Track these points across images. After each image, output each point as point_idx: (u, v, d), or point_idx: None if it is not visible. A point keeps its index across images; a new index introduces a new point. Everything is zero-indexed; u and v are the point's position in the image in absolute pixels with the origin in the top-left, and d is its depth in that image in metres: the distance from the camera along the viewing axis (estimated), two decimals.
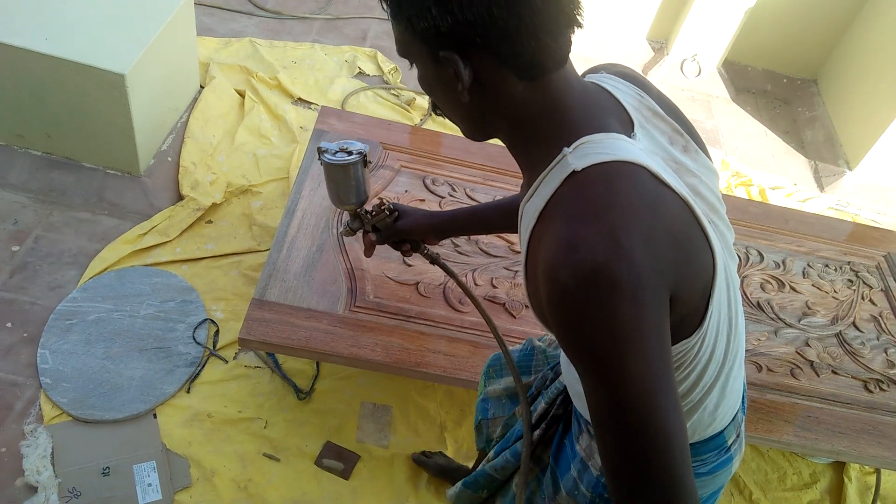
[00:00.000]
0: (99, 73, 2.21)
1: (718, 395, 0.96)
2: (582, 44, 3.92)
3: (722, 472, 1.11)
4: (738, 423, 1.10)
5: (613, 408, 0.77)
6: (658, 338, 0.76)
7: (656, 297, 0.76)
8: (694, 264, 0.81)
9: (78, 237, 2.27)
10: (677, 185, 0.82)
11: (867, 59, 3.58)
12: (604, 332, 0.75)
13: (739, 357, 0.98)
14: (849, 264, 2.36)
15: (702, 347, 0.87)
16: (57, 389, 1.89)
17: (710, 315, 0.84)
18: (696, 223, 0.82)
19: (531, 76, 0.82)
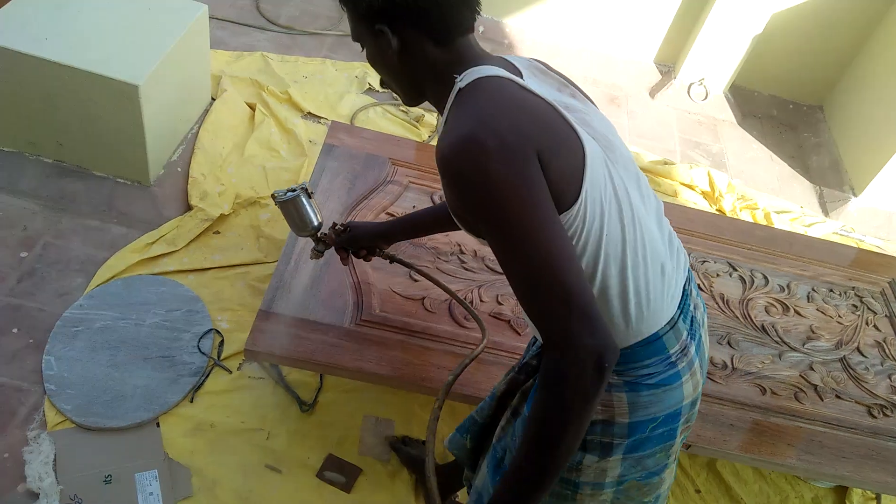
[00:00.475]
0: (113, 83, 2.24)
1: (633, 284, 1.07)
2: (591, 66, 3.95)
3: (671, 391, 1.15)
4: (681, 338, 1.16)
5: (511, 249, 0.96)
6: (531, 187, 0.94)
7: (521, 153, 0.94)
8: (558, 140, 0.99)
9: (86, 245, 2.29)
10: (545, 94, 1.03)
11: (873, 86, 3.60)
12: (485, 187, 0.94)
13: (654, 258, 1.10)
14: (853, 289, 2.36)
15: (585, 219, 1.01)
16: (61, 396, 1.90)
17: (584, 190, 1.00)
18: (564, 120, 1.02)
19: (443, 41, 1.06)
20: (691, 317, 1.21)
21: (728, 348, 2.05)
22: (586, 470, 1.19)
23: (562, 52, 3.98)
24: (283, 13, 3.62)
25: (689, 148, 3.63)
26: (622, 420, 1.15)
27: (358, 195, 2.17)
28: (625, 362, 1.13)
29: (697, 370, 1.20)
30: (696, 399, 1.23)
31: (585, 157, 1.01)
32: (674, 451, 1.26)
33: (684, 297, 1.19)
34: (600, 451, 1.17)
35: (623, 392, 1.14)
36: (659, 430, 1.18)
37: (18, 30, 2.27)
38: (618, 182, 1.07)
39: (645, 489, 1.27)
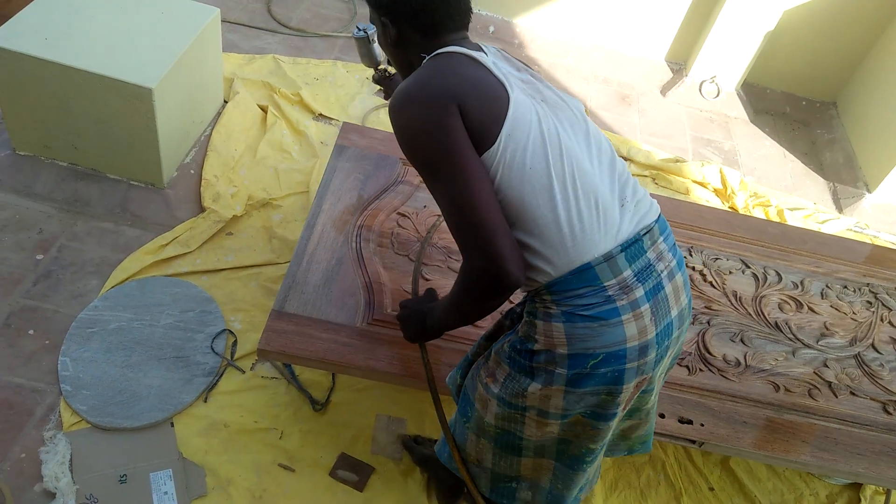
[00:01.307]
0: (127, 86, 2.26)
1: (564, 213, 1.22)
2: (602, 64, 3.95)
3: (608, 326, 1.24)
4: (619, 275, 1.25)
5: (435, 186, 1.23)
6: (449, 132, 1.17)
7: (441, 103, 1.18)
8: (482, 92, 1.20)
9: (101, 247, 2.31)
10: (488, 63, 1.25)
11: (887, 82, 3.57)
12: (410, 131, 1.21)
13: (587, 192, 1.24)
14: (868, 286, 2.34)
15: (506, 154, 1.20)
16: (77, 396, 1.92)
17: (503, 131, 1.20)
18: (497, 80, 1.23)
19: (429, 37, 1.34)
20: (646, 263, 1.29)
21: (741, 345, 2.04)
22: (531, 396, 1.32)
23: (572, 51, 3.97)
24: (294, 16, 3.64)
25: (700, 146, 3.62)
26: (562, 350, 1.26)
27: (369, 195, 2.18)
28: (559, 290, 1.25)
29: (645, 315, 1.26)
30: (647, 347, 1.27)
31: (509, 105, 1.21)
32: (621, 400, 1.31)
33: (635, 241, 1.28)
34: (544, 378, 1.29)
35: (560, 322, 1.25)
36: (601, 369, 1.25)
37: (33, 34, 2.29)
38: (547, 127, 1.24)
39: (591, 433, 1.36)
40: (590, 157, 1.29)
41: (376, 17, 1.37)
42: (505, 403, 1.36)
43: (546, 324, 1.27)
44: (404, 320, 1.62)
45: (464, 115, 1.18)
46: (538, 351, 1.29)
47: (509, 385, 1.35)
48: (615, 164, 1.35)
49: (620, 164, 1.36)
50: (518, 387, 1.33)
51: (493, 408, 1.39)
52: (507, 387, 1.35)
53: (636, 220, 1.30)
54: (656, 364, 1.32)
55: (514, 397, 1.34)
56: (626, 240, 1.27)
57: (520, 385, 1.32)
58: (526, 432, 1.39)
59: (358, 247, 2.02)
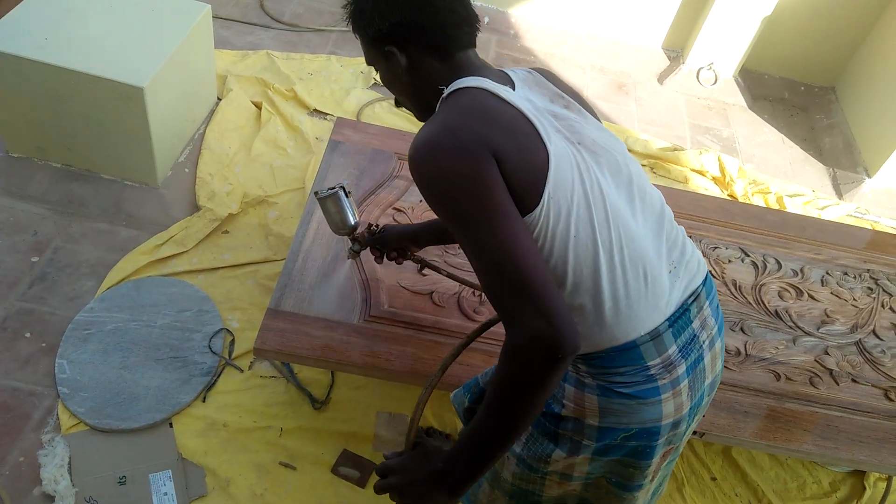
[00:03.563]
0: (118, 86, 2.25)
1: (608, 287, 1.09)
2: (598, 53, 3.92)
3: (647, 405, 1.14)
4: (664, 353, 1.14)
5: (472, 242, 1.02)
6: (485, 181, 1.00)
7: (475, 151, 1.01)
8: (518, 142, 1.05)
9: (96, 248, 2.30)
10: (515, 101, 1.10)
11: (886, 65, 3.54)
12: (441, 183, 1.03)
13: (635, 263, 1.11)
14: (868, 272, 2.33)
15: (549, 220, 1.05)
16: (74, 399, 1.91)
17: (547, 191, 1.05)
18: (531, 126, 1.08)
19: (443, 57, 1.18)
20: (691, 336, 1.18)
21: (741, 335, 2.03)
22: (554, 463, 1.22)
23: (568, 41, 3.95)
24: (287, 10, 3.61)
25: (699, 133, 3.59)
26: (592, 422, 1.16)
27: (364, 190, 2.16)
28: (598, 366, 1.14)
29: (683, 391, 1.17)
30: (681, 421, 1.20)
31: (549, 160, 1.06)
32: (651, 472, 1.24)
33: (682, 311, 1.17)
34: (570, 447, 1.20)
35: (595, 395, 1.15)
36: (632, 442, 1.18)
37: (23, 35, 2.28)
38: (591, 184, 1.10)
39: (615, 500, 1.28)
40: (634, 215, 1.15)
41: (377, 52, 1.20)
42: (525, 465, 1.26)
43: (578, 392, 1.16)
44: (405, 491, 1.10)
45: (501, 169, 1.02)
46: (566, 417, 1.18)
47: (531, 447, 1.24)
48: (663, 217, 1.21)
49: (669, 216, 1.23)
50: (541, 451, 1.23)
51: (511, 466, 1.29)
52: (528, 448, 1.24)
53: (684, 284, 1.19)
54: (685, 434, 1.25)
55: (536, 461, 1.24)
56: (673, 312, 1.16)
57: (543, 450, 1.22)
58: (546, 492, 1.30)
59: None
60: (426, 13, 1.15)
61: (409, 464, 1.12)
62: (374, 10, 1.16)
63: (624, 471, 1.23)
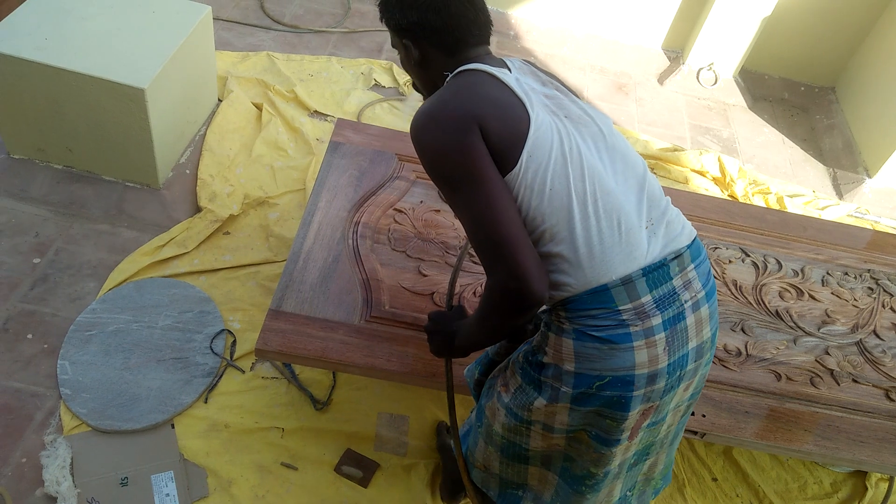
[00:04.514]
0: (119, 87, 2.25)
1: (583, 233, 1.20)
2: (598, 54, 3.92)
3: (618, 350, 1.21)
4: (637, 300, 1.21)
5: (458, 204, 1.21)
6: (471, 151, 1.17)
7: (462, 122, 1.18)
8: (503, 112, 1.20)
9: (97, 249, 2.31)
10: (508, 80, 1.24)
11: (886, 65, 3.55)
12: (432, 150, 1.21)
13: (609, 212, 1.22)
14: (868, 272, 2.33)
15: (528, 175, 1.19)
16: (76, 400, 1.92)
17: (525, 151, 1.19)
18: (518, 99, 1.22)
19: (450, 53, 1.33)
20: (669, 291, 1.24)
21: (742, 335, 2.03)
22: (536, 411, 1.31)
23: (568, 41, 3.95)
24: (287, 12, 3.62)
25: (699, 134, 3.60)
26: (569, 367, 1.24)
27: (365, 191, 2.16)
28: (573, 309, 1.23)
29: (659, 344, 1.22)
30: (656, 375, 1.23)
31: (530, 126, 1.20)
32: (626, 426, 1.28)
33: (660, 266, 1.24)
34: (550, 394, 1.28)
35: (570, 339, 1.23)
36: (607, 391, 1.23)
37: (23, 37, 2.28)
38: (569, 146, 1.23)
39: (594, 455, 1.33)
40: (615, 176, 1.26)
41: (397, 39, 1.37)
42: (512, 414, 1.36)
43: (557, 338, 1.26)
44: (432, 333, 1.53)
45: (485, 136, 1.18)
46: (547, 364, 1.28)
47: (518, 396, 1.34)
48: (645, 182, 1.30)
49: (652, 182, 1.31)
50: (525, 399, 1.32)
51: (500, 417, 1.38)
52: (516, 398, 1.34)
53: (663, 242, 1.26)
54: (665, 393, 1.28)
55: (521, 409, 1.33)
56: (649, 264, 1.23)
57: (527, 398, 1.32)
58: (532, 444, 1.38)
59: (355, 244, 2.01)
60: (441, 16, 1.30)
61: (441, 318, 1.54)
62: (396, 5, 1.33)
63: (602, 422, 1.28)
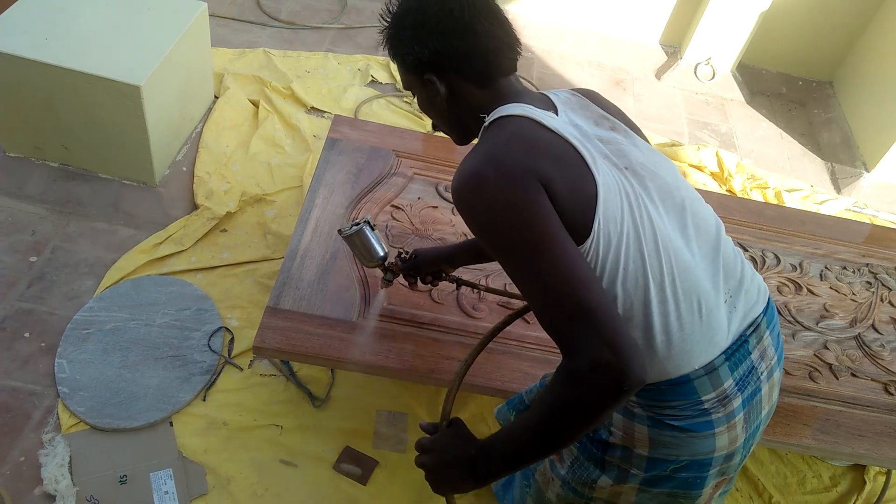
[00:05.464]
0: (115, 85, 2.24)
1: (660, 320, 1.04)
2: (596, 49, 3.92)
3: (699, 438, 1.10)
4: (720, 387, 1.09)
5: (528, 273, 0.98)
6: (536, 209, 0.98)
7: (521, 179, 0.99)
8: (566, 173, 1.02)
9: (94, 247, 2.30)
10: (560, 129, 1.06)
11: (883, 60, 3.54)
12: (487, 213, 1.00)
13: (688, 295, 1.06)
14: (867, 266, 2.33)
15: (599, 252, 1.03)
16: (74, 398, 1.91)
17: (597, 222, 1.02)
18: (578, 155, 1.05)
19: (482, 84, 1.15)
20: (748, 368, 1.14)
21: None
22: (600, 490, 1.20)
23: (565, 37, 3.94)
24: (283, 8, 3.61)
25: (696, 129, 3.59)
26: (641, 452, 1.14)
27: (362, 188, 2.16)
28: (649, 398, 1.11)
29: (738, 424, 1.13)
30: (734, 453, 1.16)
31: (598, 190, 1.03)
32: (700, 502, 1.21)
33: (740, 343, 1.12)
34: (616, 474, 1.18)
35: (645, 425, 1.13)
36: (682, 473, 1.15)
37: (19, 35, 2.27)
38: (639, 214, 1.06)
39: None
40: (688, 244, 1.10)
41: (416, 77, 1.17)
42: (570, 488, 1.25)
43: (627, 421, 1.14)
44: (438, 467, 1.13)
45: (551, 199, 1.00)
46: (613, 444, 1.17)
47: (577, 471, 1.23)
48: (719, 243, 1.15)
49: (727, 245, 1.17)
50: (586, 476, 1.21)
51: (556, 488, 1.28)
52: (574, 472, 1.23)
53: (742, 314, 1.13)
54: (739, 464, 1.22)
55: (581, 486, 1.23)
56: (730, 345, 1.11)
57: (588, 475, 1.21)
58: None
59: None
60: (467, 41, 1.11)
61: (443, 445, 1.14)
62: (412, 37, 1.13)
63: (673, 501, 1.20)
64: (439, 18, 1.11)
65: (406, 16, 1.14)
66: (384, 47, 1.20)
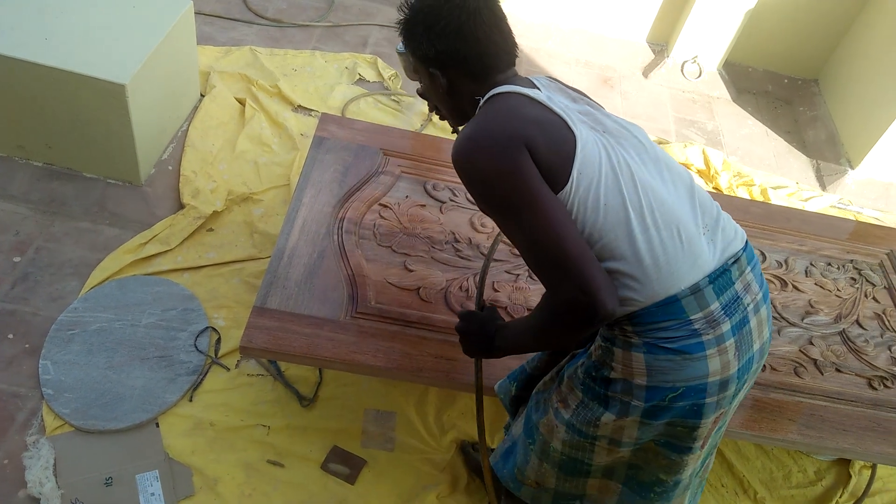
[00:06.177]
0: (99, 83, 2.22)
1: (645, 245, 1.17)
2: (583, 47, 3.92)
3: (692, 360, 1.19)
4: (706, 308, 1.20)
5: (515, 228, 1.19)
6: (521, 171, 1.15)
7: (509, 146, 1.16)
8: (547, 132, 1.19)
9: (79, 247, 2.28)
10: (545, 100, 1.23)
11: (868, 58, 3.57)
12: (481, 176, 1.19)
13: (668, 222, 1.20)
14: (851, 262, 2.35)
15: (579, 192, 1.17)
16: (59, 400, 1.90)
17: (575, 169, 1.17)
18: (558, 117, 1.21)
19: (481, 79, 1.32)
20: (734, 296, 1.23)
21: None
22: (603, 426, 1.29)
23: (553, 35, 3.94)
24: (270, 6, 3.59)
25: (683, 126, 3.61)
26: (640, 381, 1.22)
27: (350, 186, 2.15)
28: (642, 323, 1.20)
29: (730, 350, 1.21)
30: (728, 381, 1.23)
31: (576, 143, 1.19)
32: (699, 434, 1.27)
33: (722, 271, 1.23)
34: (619, 409, 1.26)
35: (641, 353, 1.21)
36: (680, 402, 1.22)
37: (1, 33, 2.24)
38: (616, 159, 1.21)
39: (664, 462, 1.32)
40: (664, 185, 1.25)
41: (422, 68, 1.35)
42: (575, 431, 1.33)
43: (625, 353, 1.23)
44: (467, 334, 1.48)
45: (533, 156, 1.17)
46: (615, 379, 1.25)
47: (582, 412, 1.31)
48: (694, 189, 1.29)
49: (700, 189, 1.31)
50: (591, 415, 1.30)
51: (561, 434, 1.36)
52: (579, 414, 1.32)
53: (721, 247, 1.25)
54: (734, 397, 1.29)
55: (586, 426, 1.31)
56: (713, 270, 1.22)
57: (593, 413, 1.29)
58: (595, 459, 1.36)
59: (340, 239, 2.00)
60: (469, 45, 1.28)
61: (476, 318, 1.49)
62: (423, 34, 1.30)
63: (674, 431, 1.27)
64: (447, 23, 1.26)
65: (418, 15, 1.31)
66: (399, 34, 1.37)
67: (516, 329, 1.37)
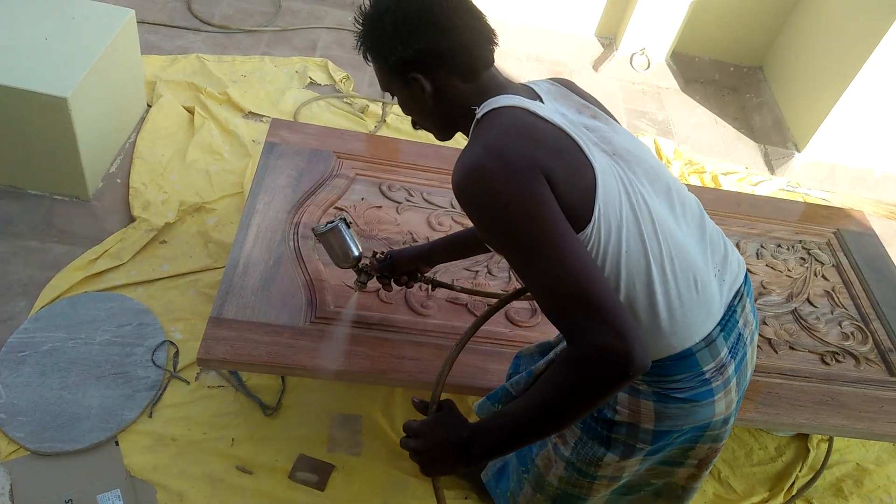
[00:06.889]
0: (40, 97, 2.17)
1: (662, 298, 1.08)
2: (533, 42, 3.95)
3: (701, 407, 1.16)
4: (718, 356, 1.15)
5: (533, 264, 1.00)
6: (539, 201, 0.99)
7: (524, 171, 1.00)
8: (564, 161, 1.04)
9: (27, 266, 2.22)
10: (553, 118, 1.09)
11: (810, 43, 3.67)
12: (491, 206, 1.01)
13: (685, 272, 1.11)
14: (800, 242, 2.41)
15: (601, 238, 1.05)
16: (12, 424, 1.84)
17: (597, 209, 1.04)
18: (573, 142, 1.07)
19: (469, 78, 1.16)
20: (737, 336, 1.20)
21: None
22: (605, 467, 1.24)
23: (502, 32, 3.94)
24: (216, 12, 3.54)
25: (635, 118, 3.66)
26: (647, 426, 1.18)
27: (304, 191, 2.13)
28: (655, 374, 1.14)
29: (733, 388, 1.19)
30: (730, 417, 1.23)
31: (596, 177, 1.05)
32: (693, 454, 1.28)
33: (730, 314, 1.18)
34: (622, 450, 1.22)
35: (651, 401, 1.16)
36: (682, 437, 1.21)
37: None
38: (636, 198, 1.09)
39: (657, 469, 1.32)
40: (678, 223, 1.15)
41: (398, 78, 1.17)
42: (575, 469, 1.27)
43: (632, 398, 1.17)
44: (426, 453, 1.13)
45: (552, 189, 1.02)
46: (619, 422, 1.19)
47: (581, 451, 1.25)
48: (703, 221, 1.21)
49: (709, 221, 1.23)
50: (591, 454, 1.24)
51: (558, 470, 1.30)
52: (578, 452, 1.26)
53: (728, 286, 1.19)
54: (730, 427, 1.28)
55: (587, 465, 1.25)
56: (723, 315, 1.17)
57: (594, 453, 1.24)
58: (592, 494, 1.31)
59: (296, 245, 1.98)
60: (450, 36, 1.12)
61: (433, 428, 1.14)
62: (394, 37, 1.12)
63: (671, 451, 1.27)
64: (420, 16, 1.10)
65: (384, 17, 1.13)
66: (360, 51, 1.19)
67: (507, 418, 1.08)
